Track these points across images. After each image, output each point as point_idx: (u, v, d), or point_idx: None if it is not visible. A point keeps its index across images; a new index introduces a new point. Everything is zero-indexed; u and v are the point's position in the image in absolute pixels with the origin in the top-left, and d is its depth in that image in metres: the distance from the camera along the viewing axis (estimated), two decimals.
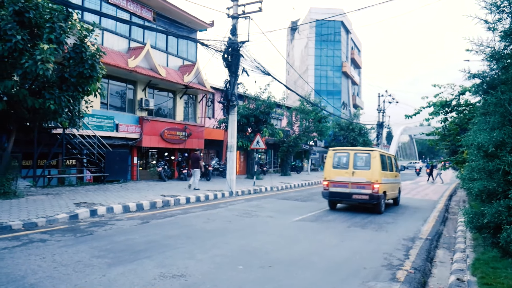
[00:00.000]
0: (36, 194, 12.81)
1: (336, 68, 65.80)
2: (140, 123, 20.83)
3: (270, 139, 29.80)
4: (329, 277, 5.91)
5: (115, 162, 17.91)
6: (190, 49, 25.62)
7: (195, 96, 26.07)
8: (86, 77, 11.68)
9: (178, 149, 23.85)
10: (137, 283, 5.29)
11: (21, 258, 6.28)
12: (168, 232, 8.65)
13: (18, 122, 12.00)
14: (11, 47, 9.94)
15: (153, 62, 20.70)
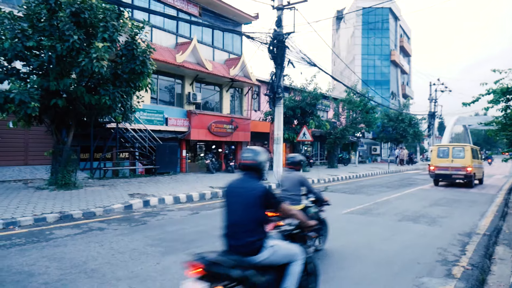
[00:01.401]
0: (93, 185, 13.52)
1: (384, 57, 63.67)
2: (188, 116, 21.33)
3: (316, 131, 29.47)
4: (380, 270, 5.80)
5: (165, 155, 18.49)
6: (236, 43, 25.80)
7: (241, 89, 26.28)
8: (138, 73, 12.12)
9: (225, 142, 24.20)
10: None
11: (82, 245, 6.67)
12: (217, 223, 8.81)
13: (76, 117, 12.70)
14: (68, 46, 10.51)
15: (199, 56, 21.08)
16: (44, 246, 6.58)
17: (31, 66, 11.46)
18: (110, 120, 15.92)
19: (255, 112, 27.52)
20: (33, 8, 11.20)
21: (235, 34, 25.01)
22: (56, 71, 11.02)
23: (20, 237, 7.16)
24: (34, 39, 10.84)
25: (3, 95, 10.42)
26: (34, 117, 11.91)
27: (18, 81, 10.89)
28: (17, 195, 10.77)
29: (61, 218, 8.71)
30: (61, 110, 11.76)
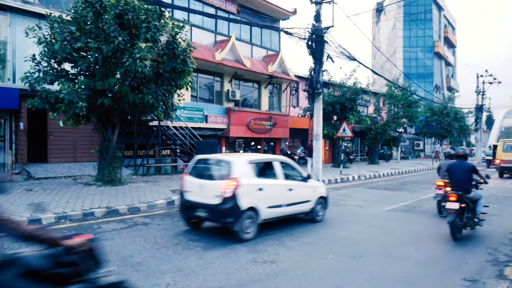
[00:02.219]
0: (137, 181, 13.97)
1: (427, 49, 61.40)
2: (227, 113, 21.56)
3: (356, 126, 28.91)
4: (426, 270, 5.63)
5: (205, 152, 18.69)
6: (274, 39, 25.75)
7: (279, 86, 26.23)
8: (179, 71, 12.37)
9: (263, 139, 24.27)
10: (231, 267, 5.55)
11: (128, 239, 6.92)
12: None
13: (121, 116, 13.17)
14: (113, 47, 10.90)
15: (238, 53, 21.22)
16: None
17: (79, 67, 11.98)
18: (152, 118, 16.38)
19: (293, 108, 27.38)
20: (80, 11, 11.69)
21: (273, 30, 24.96)
22: (102, 71, 11.46)
23: (70, 230, 7.53)
24: (81, 41, 11.33)
25: (54, 96, 10.97)
26: (82, 116, 12.45)
27: (67, 82, 11.41)
28: (67, 191, 11.33)
29: (108, 213, 9.08)
30: (107, 109, 12.22)
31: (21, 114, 14.37)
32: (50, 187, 11.92)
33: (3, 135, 14.85)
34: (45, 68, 12.05)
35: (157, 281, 4.96)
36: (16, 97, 14.08)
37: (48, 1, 15.65)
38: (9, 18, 14.54)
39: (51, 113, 11.72)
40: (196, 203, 7.19)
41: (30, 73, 11.59)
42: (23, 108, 14.12)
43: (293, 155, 22.65)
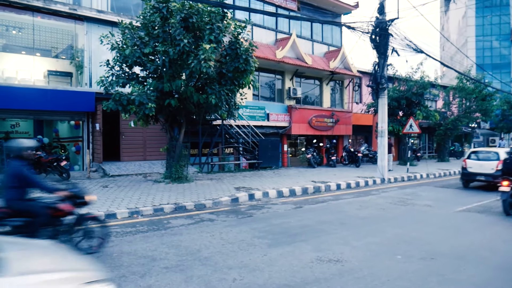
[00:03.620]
0: (202, 179, 14.45)
1: (504, 37, 56.87)
2: (288, 111, 21.56)
3: (424, 122, 27.52)
4: (505, 275, 5.25)
5: (268, 150, 18.95)
6: (335, 34, 25.30)
7: (341, 82, 25.72)
8: (241, 71, 12.60)
9: (326, 136, 23.95)
10: (296, 265, 5.56)
11: (195, 234, 7.19)
12: (321, 218, 8.82)
13: (186, 116, 13.69)
14: (179, 50, 11.35)
15: (299, 51, 21.12)
16: (163, 234, 7.24)
17: (148, 70, 12.62)
18: (216, 118, 16.83)
19: (356, 104, 26.72)
20: (148, 17, 12.31)
21: (335, 26, 24.54)
22: (169, 73, 11.98)
23: (142, 225, 7.98)
24: (150, 46, 11.92)
25: (126, 98, 11.67)
26: (151, 117, 13.12)
27: (137, 84, 12.08)
28: (138, 187, 12.00)
29: (176, 209, 9.49)
30: (174, 109, 12.76)
31: (97, 116, 15.46)
32: (123, 183, 12.70)
33: (81, 135, 16.07)
34: (118, 72, 12.86)
35: (224, 276, 5.11)
36: (92, 100, 15.18)
37: (120, 9, 16.65)
38: (86, 27, 15.70)
39: (123, 114, 12.47)
40: (476, 173, 13.79)
41: (105, 77, 12.42)
42: (98, 110, 15.18)
43: (356, 153, 22.11)
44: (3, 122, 17.02)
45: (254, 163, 18.75)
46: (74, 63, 16.37)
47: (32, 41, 15.46)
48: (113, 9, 16.52)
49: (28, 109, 14.32)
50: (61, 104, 14.70)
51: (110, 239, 6.55)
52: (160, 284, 4.79)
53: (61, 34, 16.48)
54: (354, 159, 21.96)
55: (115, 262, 5.59)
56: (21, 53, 16.18)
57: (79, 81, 16.18)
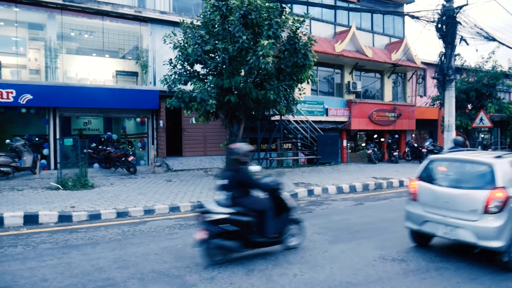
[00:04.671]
0: (261, 174, 14.55)
1: None
2: (348, 106, 21.10)
3: (495, 115, 25.61)
4: None
5: (326, 145, 18.69)
6: (397, 25, 24.30)
7: (404, 74, 24.67)
8: (300, 66, 12.51)
9: (387, 131, 23.14)
10: (358, 262, 5.45)
11: None
12: (383, 215, 8.56)
13: (245, 112, 13.86)
14: (239, 47, 11.50)
15: (358, 43, 20.56)
16: None
17: (208, 67, 12.94)
18: (274, 113, 16.88)
19: (420, 97, 25.50)
20: (208, 16, 12.61)
21: (396, 16, 23.56)
22: (229, 70, 12.20)
23: None
24: (210, 44, 12.21)
25: (188, 95, 12.07)
26: (211, 113, 13.44)
27: (198, 82, 12.43)
28: (200, 182, 12.37)
29: None
30: (233, 105, 12.98)
31: (161, 113, 16.13)
32: (186, 178, 13.16)
33: (146, 132, 16.89)
34: (180, 70, 13.31)
35: (285, 271, 5.13)
36: (156, 98, 15.88)
37: (181, 10, 17.21)
38: (150, 28, 16.42)
39: (185, 111, 12.90)
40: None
41: (168, 76, 12.92)
42: (162, 107, 15.84)
43: (420, 148, 21.14)
44: (77, 120, 18.32)
45: (312, 158, 18.58)
46: (140, 63, 17.20)
47: (101, 43, 16.46)
48: (175, 9, 17.12)
49: (98, 107, 15.31)
50: (128, 102, 15.54)
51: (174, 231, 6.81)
52: (222, 276, 4.92)
53: (127, 36, 17.38)
54: (417, 154, 21.01)
55: (179, 253, 5.82)
56: (92, 55, 17.30)
57: (144, 80, 16.98)
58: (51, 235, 6.84)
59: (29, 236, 6.81)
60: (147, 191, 10.66)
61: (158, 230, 7.17)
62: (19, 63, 15.41)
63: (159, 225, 7.55)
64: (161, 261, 5.46)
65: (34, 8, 14.51)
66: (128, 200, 9.35)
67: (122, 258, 5.58)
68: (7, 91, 13.41)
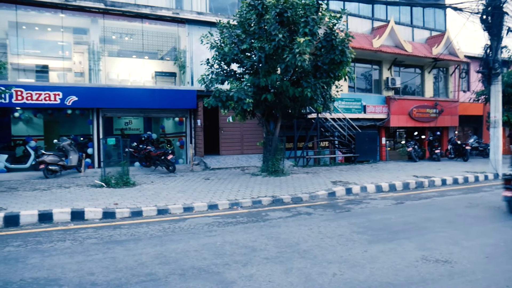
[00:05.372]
0: (298, 172, 14.52)
1: None
2: (387, 103, 20.62)
3: None
4: None
5: (364, 143, 18.36)
6: (438, 18, 23.47)
7: (445, 69, 23.80)
8: (337, 63, 12.36)
9: (428, 128, 22.42)
10: (399, 263, 5.32)
11: (293, 227, 7.26)
12: (424, 214, 8.30)
13: (282, 110, 13.85)
14: (275, 45, 11.51)
15: (397, 38, 20.03)
16: (262, 225, 7.44)
17: (245, 66, 13.03)
18: (311, 111, 16.77)
19: (463, 93, 24.52)
20: (244, 15, 12.69)
21: (437, 8, 22.75)
22: (265, 69, 12.23)
23: (242, 216, 8.29)
24: (247, 43, 12.29)
25: (225, 94, 12.20)
26: (248, 112, 13.54)
27: (235, 81, 12.56)
28: (237, 180, 12.49)
29: (273, 202, 9.68)
30: (270, 104, 13.01)
31: (198, 112, 16.41)
32: (223, 176, 13.32)
33: (184, 131, 17.23)
34: (217, 70, 13.49)
35: (324, 270, 5.08)
36: (194, 97, 16.16)
37: (217, 10, 17.42)
38: (187, 29, 16.73)
39: (222, 110, 13.05)
40: None
41: (205, 75, 13.12)
42: (199, 107, 16.11)
43: (463, 145, 20.33)
44: (118, 120, 18.96)
45: (350, 156, 18.31)
46: (178, 64, 17.58)
47: (141, 45, 16.94)
48: (211, 10, 17.34)
49: (139, 107, 15.77)
50: (167, 102, 15.91)
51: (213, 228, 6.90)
52: (261, 274, 4.94)
53: (165, 37, 17.80)
54: (461, 152, 20.21)
55: (219, 250, 5.90)
56: (132, 57, 17.85)
57: (182, 80, 17.32)
58: (96, 231, 7.13)
59: (76, 231, 7.13)
60: (186, 189, 10.89)
61: (197, 227, 7.30)
62: (65, 66, 16.15)
63: (198, 223, 7.69)
64: (200, 258, 5.55)
65: (79, 14, 15.15)
66: (168, 198, 9.59)
67: (163, 254, 5.72)
68: (55, 93, 14.09)
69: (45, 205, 8.54)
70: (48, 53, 15.93)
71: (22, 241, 6.43)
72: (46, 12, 14.82)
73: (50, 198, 9.36)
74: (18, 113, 14.75)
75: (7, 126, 15.76)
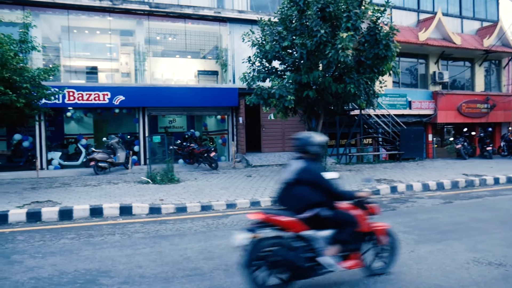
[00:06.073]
0: (340, 170, 14.30)
1: None
2: (433, 98, 19.87)
3: None
4: None
5: (410, 140, 17.77)
6: (490, 8, 22.26)
7: (498, 61, 22.56)
8: (381, 57, 12.02)
9: (478, 124, 21.36)
10: (448, 264, 5.13)
11: None
12: (475, 215, 7.94)
13: (324, 106, 13.67)
14: (317, 41, 11.36)
15: (445, 30, 19.21)
16: None
17: (286, 63, 12.96)
18: (353, 107, 16.45)
19: None
20: (285, 11, 12.62)
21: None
22: (307, 65, 12.12)
23: None
24: (288, 39, 12.22)
25: (267, 92, 12.22)
26: (290, 109, 13.48)
27: (276, 78, 12.53)
28: (279, 178, 12.47)
29: None
30: (312, 100, 12.88)
31: (240, 110, 16.56)
32: (265, 173, 13.37)
33: (226, 129, 17.45)
34: (258, 67, 13.52)
35: None
36: (236, 95, 16.32)
37: (258, 8, 17.47)
38: (229, 27, 16.91)
39: (264, 107, 13.08)
40: None
41: (247, 73, 13.19)
42: (241, 104, 16.25)
43: None
44: (162, 119, 19.50)
45: (395, 154, 17.80)
46: (219, 62, 17.81)
47: (184, 45, 17.32)
48: (252, 8, 17.41)
49: (182, 106, 16.14)
50: (209, 101, 16.18)
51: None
52: None
53: (207, 37, 18.08)
54: None
55: None
56: (175, 56, 18.28)
57: (224, 79, 17.54)
58: (143, 226, 7.38)
59: (125, 226, 7.42)
60: (228, 186, 11.03)
61: (240, 224, 7.38)
62: (113, 67, 16.81)
63: (241, 219, 7.77)
64: None
65: (125, 16, 15.70)
66: (211, 194, 9.75)
67: (208, 250, 5.84)
68: (103, 94, 14.70)
69: (95, 200, 8.95)
70: (97, 55, 16.65)
71: (76, 234, 6.78)
72: (95, 16, 15.47)
73: (100, 193, 9.79)
74: (70, 112, 15.53)
75: (60, 125, 16.64)
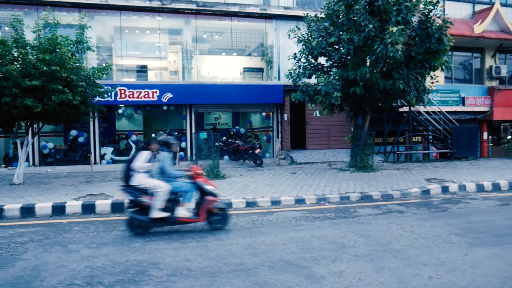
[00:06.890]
0: (388, 168, 13.91)
1: None
2: (490, 94, 18.82)
3: None
4: None
5: (463, 138, 16.94)
6: None
7: None
8: (433, 52, 11.54)
9: None
10: (506, 270, 4.85)
11: (384, 225, 6.99)
12: None
13: (371, 103, 13.35)
14: (364, 36, 11.10)
15: (504, 22, 18.14)
16: (351, 222, 7.28)
17: (332, 59, 12.79)
18: (402, 104, 15.93)
19: None
20: (332, 7, 12.43)
21: None
22: (354, 61, 11.87)
23: (330, 211, 8.18)
24: (335, 35, 12.04)
25: (313, 88, 12.11)
26: (336, 106, 13.29)
27: (322, 74, 12.38)
28: (324, 175, 12.34)
29: (362, 198, 9.40)
30: (359, 97, 12.62)
31: (285, 107, 16.51)
32: (310, 171, 13.27)
33: (271, 125, 17.47)
34: (304, 64, 13.42)
35: (418, 272, 4.82)
36: (281, 92, 16.30)
37: (304, 3, 17.33)
38: (274, 24, 16.90)
39: (309, 104, 12.97)
40: None
41: (293, 70, 13.13)
42: (286, 101, 16.20)
43: None
44: (208, 115, 19.85)
45: (446, 152, 17.04)
46: (265, 59, 17.85)
47: (230, 43, 17.51)
48: (298, 4, 17.29)
49: (228, 103, 16.35)
50: (254, 98, 16.27)
51: (300, 222, 6.88)
52: (351, 271, 4.84)
53: (253, 34, 18.17)
54: None
55: (306, 245, 5.90)
56: (221, 54, 18.53)
57: (269, 75, 17.56)
58: None
59: None
60: (273, 182, 11.05)
61: (285, 221, 7.38)
62: (162, 65, 17.31)
63: (286, 216, 7.77)
64: (289, 251, 5.61)
65: (173, 15, 16.12)
66: (256, 191, 9.81)
67: (253, 246, 5.88)
68: (153, 91, 15.19)
69: None
70: (146, 54, 17.22)
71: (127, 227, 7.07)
72: (145, 16, 16.01)
73: None
74: (121, 109, 16.19)
75: (112, 122, 17.39)
